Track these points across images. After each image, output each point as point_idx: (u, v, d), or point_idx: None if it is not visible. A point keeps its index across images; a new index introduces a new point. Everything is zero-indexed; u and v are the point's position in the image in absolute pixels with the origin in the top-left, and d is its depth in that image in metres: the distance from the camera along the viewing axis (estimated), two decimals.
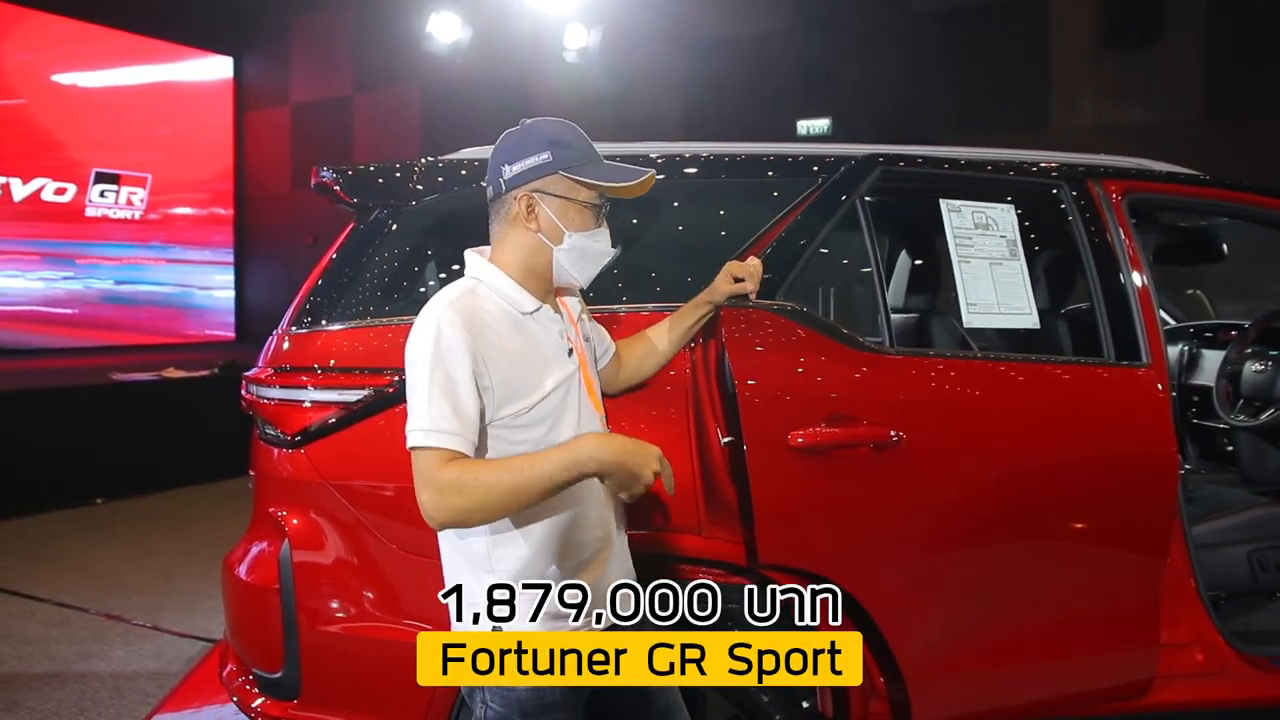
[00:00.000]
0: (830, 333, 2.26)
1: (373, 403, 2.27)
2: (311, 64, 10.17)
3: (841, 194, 2.41)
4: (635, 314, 2.32)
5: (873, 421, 2.18)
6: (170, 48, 10.04)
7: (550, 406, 1.76)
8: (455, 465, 1.63)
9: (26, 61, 8.90)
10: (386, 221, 2.46)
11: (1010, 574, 2.36)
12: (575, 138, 1.79)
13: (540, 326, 1.79)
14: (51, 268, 9.29)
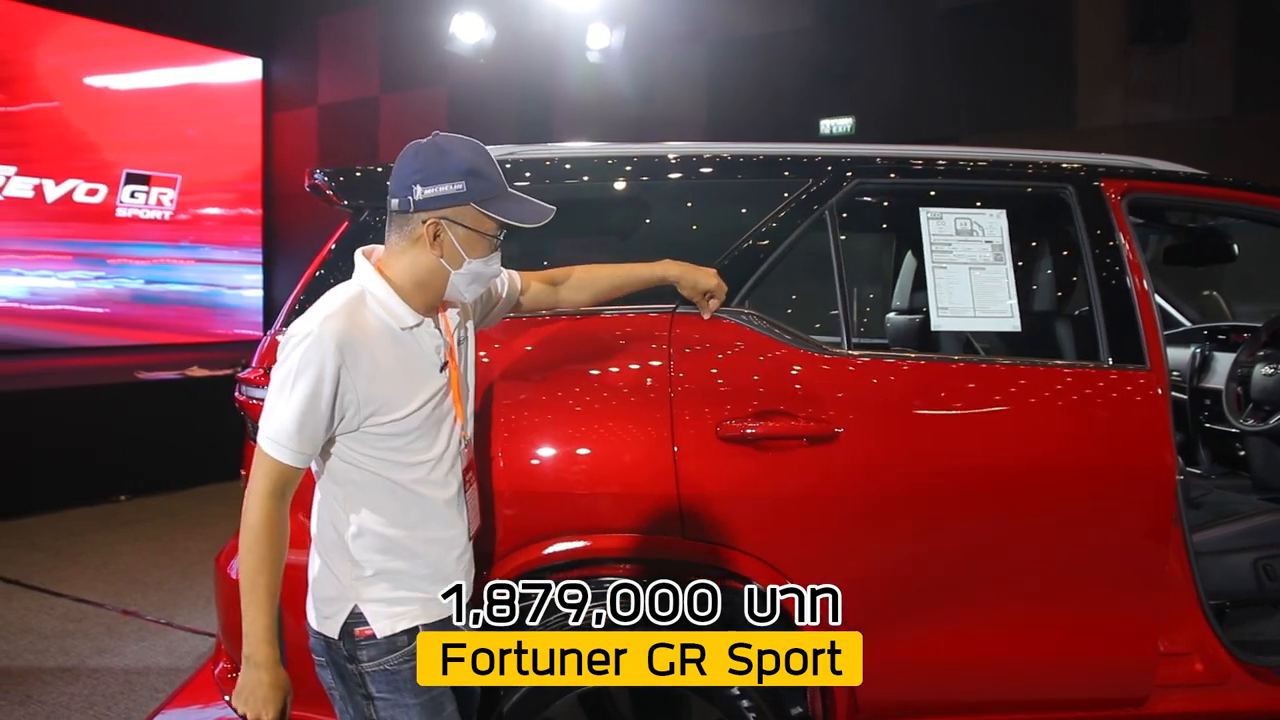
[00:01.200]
0: (775, 334, 2.31)
1: None
2: (338, 65, 10.25)
3: (813, 205, 2.40)
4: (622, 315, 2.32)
5: (808, 417, 2.21)
6: (200, 50, 10.15)
7: (418, 420, 1.82)
8: (267, 515, 1.71)
9: (60, 65, 9.03)
10: (375, 223, 2.46)
11: (971, 569, 2.34)
12: (490, 168, 1.82)
13: (418, 341, 1.83)
14: (83, 267, 9.42)
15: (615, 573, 2.32)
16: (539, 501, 2.23)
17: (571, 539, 2.23)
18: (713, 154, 2.52)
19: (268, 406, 1.74)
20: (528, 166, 2.49)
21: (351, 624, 1.82)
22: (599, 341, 2.31)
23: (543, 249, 3.52)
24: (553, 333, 2.32)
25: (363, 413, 1.75)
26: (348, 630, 1.82)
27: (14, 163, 8.74)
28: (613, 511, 2.22)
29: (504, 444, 2.24)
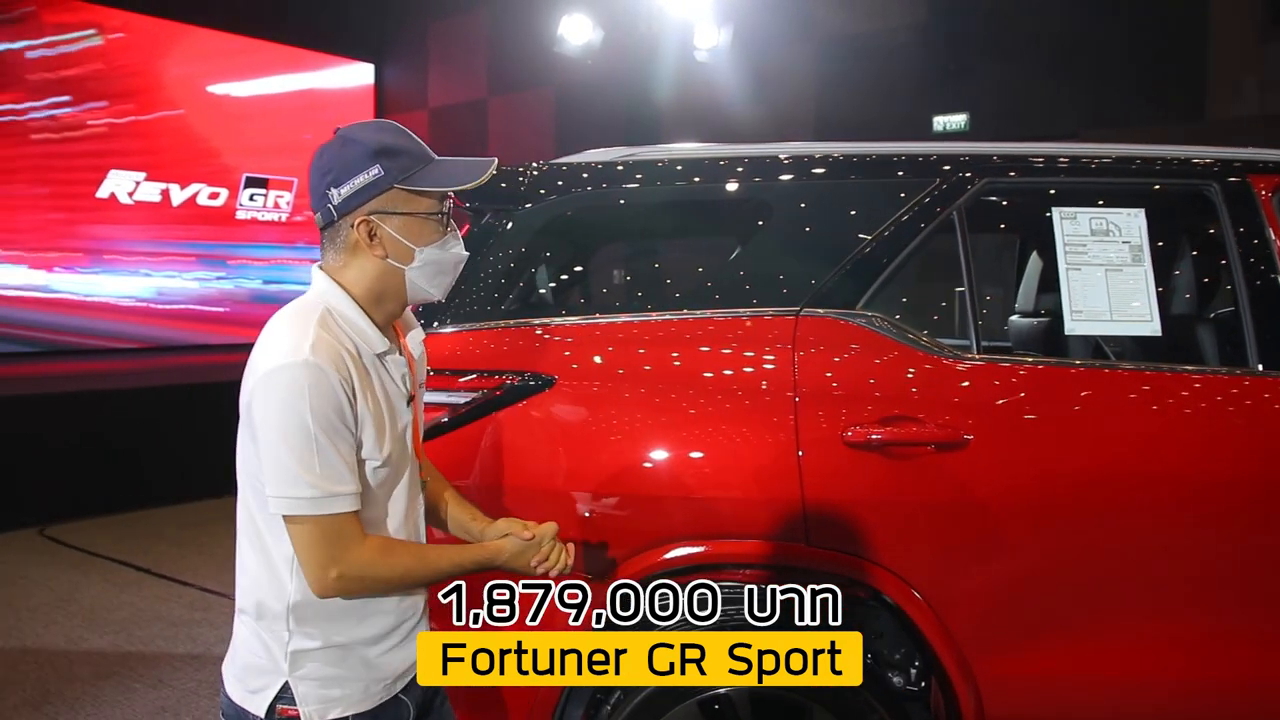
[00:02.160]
0: (901, 338, 2.24)
1: (481, 405, 2.30)
2: (448, 69, 10.43)
3: (939, 206, 2.33)
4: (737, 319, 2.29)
5: (936, 423, 2.14)
6: (316, 56, 10.45)
7: (390, 464, 1.59)
8: (380, 550, 1.53)
9: (185, 74, 9.41)
10: (498, 225, 2.48)
11: (1108, 582, 2.22)
12: (403, 140, 1.58)
13: (388, 370, 1.62)
14: (205, 268, 9.79)
15: (737, 578, 2.29)
16: (661, 506, 2.21)
17: (693, 544, 2.20)
18: (824, 154, 2.46)
19: (292, 466, 1.44)
20: (639, 168, 2.47)
21: (278, 703, 1.55)
22: (721, 344, 2.28)
23: (655, 250, 3.51)
24: (673, 334, 2.30)
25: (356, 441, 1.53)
26: (273, 710, 1.56)
27: (143, 169, 9.14)
28: (735, 516, 2.19)
29: (625, 447, 2.22)
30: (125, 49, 9.00)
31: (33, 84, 8.43)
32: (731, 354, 2.26)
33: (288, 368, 1.45)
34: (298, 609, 1.54)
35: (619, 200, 2.51)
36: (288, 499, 1.46)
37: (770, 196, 2.45)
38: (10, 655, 4.18)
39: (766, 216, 2.45)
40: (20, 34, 8.35)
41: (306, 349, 1.45)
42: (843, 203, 2.42)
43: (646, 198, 2.50)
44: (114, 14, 8.84)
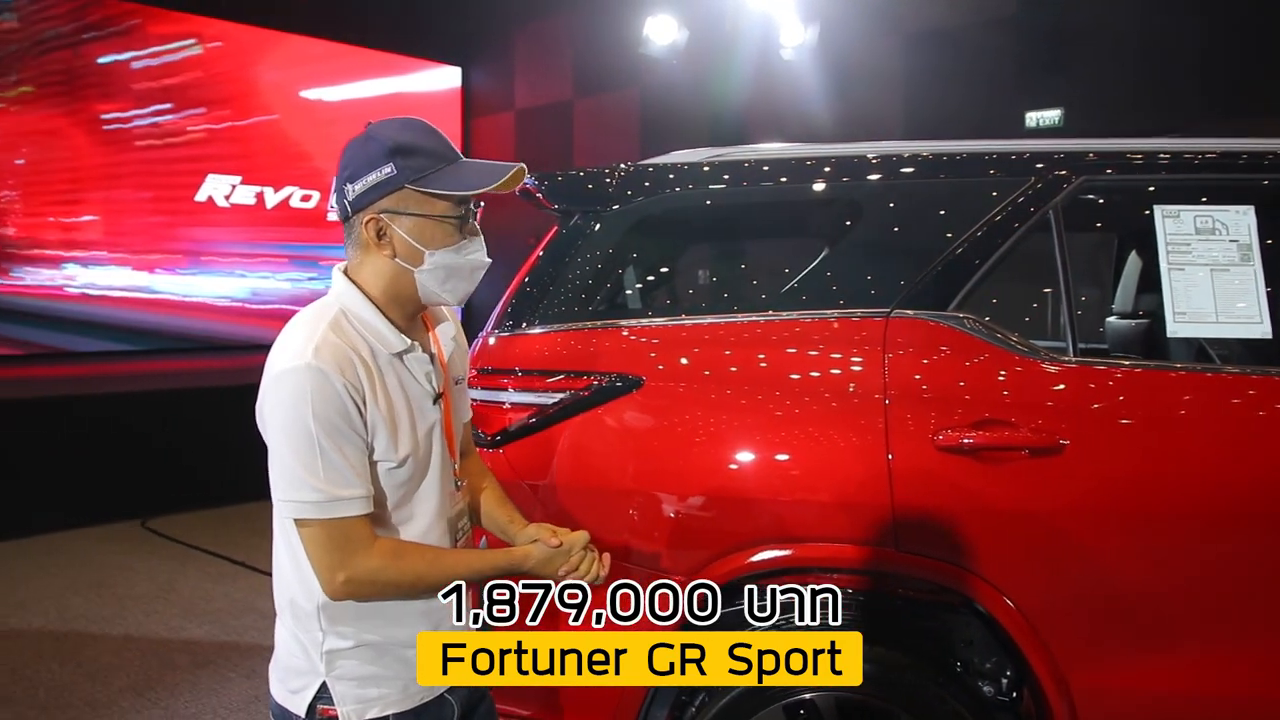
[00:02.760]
0: (995, 340, 2.18)
1: (569, 405, 2.31)
2: (534, 71, 10.52)
3: (1034, 206, 2.27)
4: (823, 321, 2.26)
5: (1031, 427, 2.08)
6: (404, 60, 10.65)
7: (412, 465, 1.57)
8: (390, 553, 1.51)
9: (279, 80, 9.66)
10: (586, 226, 2.49)
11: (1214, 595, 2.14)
12: (422, 139, 1.53)
13: (409, 369, 1.59)
14: (297, 269, 10.03)
15: (824, 583, 2.27)
16: (747, 508, 2.20)
17: (779, 547, 2.18)
18: (915, 153, 2.42)
19: (296, 470, 1.44)
20: (725, 169, 2.47)
21: (318, 703, 1.56)
22: (809, 345, 2.25)
23: (742, 251, 3.50)
24: (761, 335, 2.29)
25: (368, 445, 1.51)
26: (314, 710, 1.56)
27: (239, 172, 9.41)
28: (822, 520, 2.16)
29: (712, 449, 2.22)
30: (223, 57, 9.27)
31: (137, 93, 8.74)
32: (819, 356, 2.24)
33: (291, 371, 1.44)
34: (328, 608, 1.54)
35: (706, 201, 2.50)
36: (293, 502, 1.46)
37: (859, 196, 2.42)
38: (115, 642, 4.34)
39: (855, 217, 2.42)
40: (126, 45, 8.66)
41: (310, 353, 1.44)
42: (933, 203, 2.38)
43: (734, 198, 2.49)
44: (213, 23, 9.12)
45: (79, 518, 6.22)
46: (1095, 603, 2.13)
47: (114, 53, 8.60)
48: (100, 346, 8.64)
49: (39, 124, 8.24)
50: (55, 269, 8.41)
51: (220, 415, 6.93)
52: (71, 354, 8.51)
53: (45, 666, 4.07)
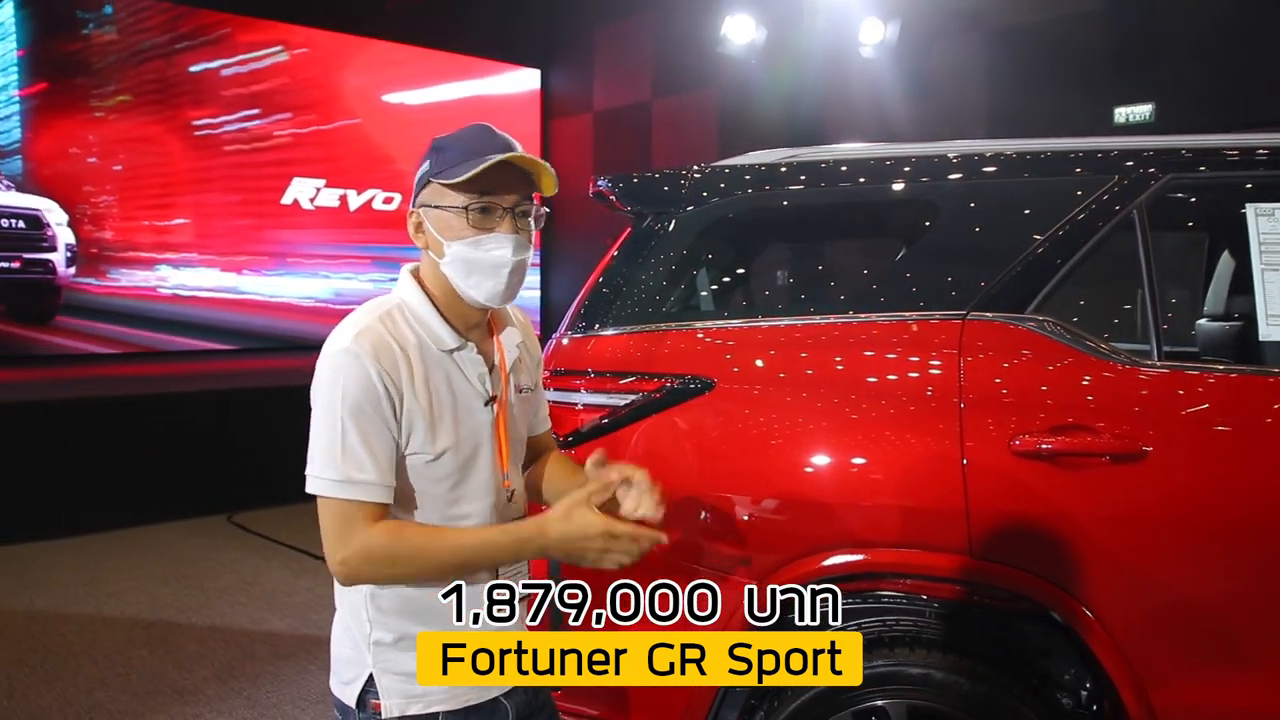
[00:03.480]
0: (1075, 343, 2.12)
1: (640, 407, 2.32)
2: (613, 72, 10.56)
3: (1118, 205, 2.21)
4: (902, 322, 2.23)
5: (1112, 433, 2.01)
6: (485, 64, 10.77)
7: (451, 461, 1.57)
8: (388, 530, 1.49)
9: (362, 85, 9.85)
10: (659, 228, 2.49)
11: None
12: (466, 136, 1.55)
13: (459, 368, 1.60)
14: (380, 270, 10.21)
15: (897, 589, 2.24)
16: (819, 512, 2.17)
17: (852, 551, 2.16)
18: (996, 152, 2.37)
19: (320, 446, 1.49)
20: (802, 169, 2.45)
21: (367, 695, 1.58)
22: (884, 347, 2.22)
23: (817, 253, 3.47)
24: (835, 337, 2.26)
25: (403, 436, 1.52)
26: (364, 702, 1.58)
27: (323, 176, 9.62)
28: (895, 525, 2.13)
29: (784, 451, 2.20)
30: (308, 63, 9.49)
31: (226, 99, 8.99)
32: (895, 358, 2.21)
33: (331, 355, 1.50)
34: (376, 598, 1.56)
35: (781, 202, 2.49)
36: (314, 477, 1.49)
37: (936, 196, 2.37)
38: (201, 631, 4.48)
39: (932, 217, 2.38)
40: (217, 54, 8.92)
41: (351, 338, 1.49)
42: (1013, 202, 2.33)
43: (809, 199, 2.47)
44: (299, 30, 9.34)
45: (169, 511, 6.43)
46: (1179, 615, 2.06)
47: (205, 61, 8.86)
48: (190, 345, 8.91)
49: (135, 131, 8.53)
50: (149, 270, 8.69)
51: (304, 413, 7.07)
52: (163, 353, 8.79)
53: (136, 653, 4.21)
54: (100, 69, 8.37)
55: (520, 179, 1.57)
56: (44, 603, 4.90)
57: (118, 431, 6.45)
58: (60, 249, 8.17)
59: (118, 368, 8.23)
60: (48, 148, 8.19)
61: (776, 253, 3.00)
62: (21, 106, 8.10)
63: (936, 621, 2.21)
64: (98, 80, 8.36)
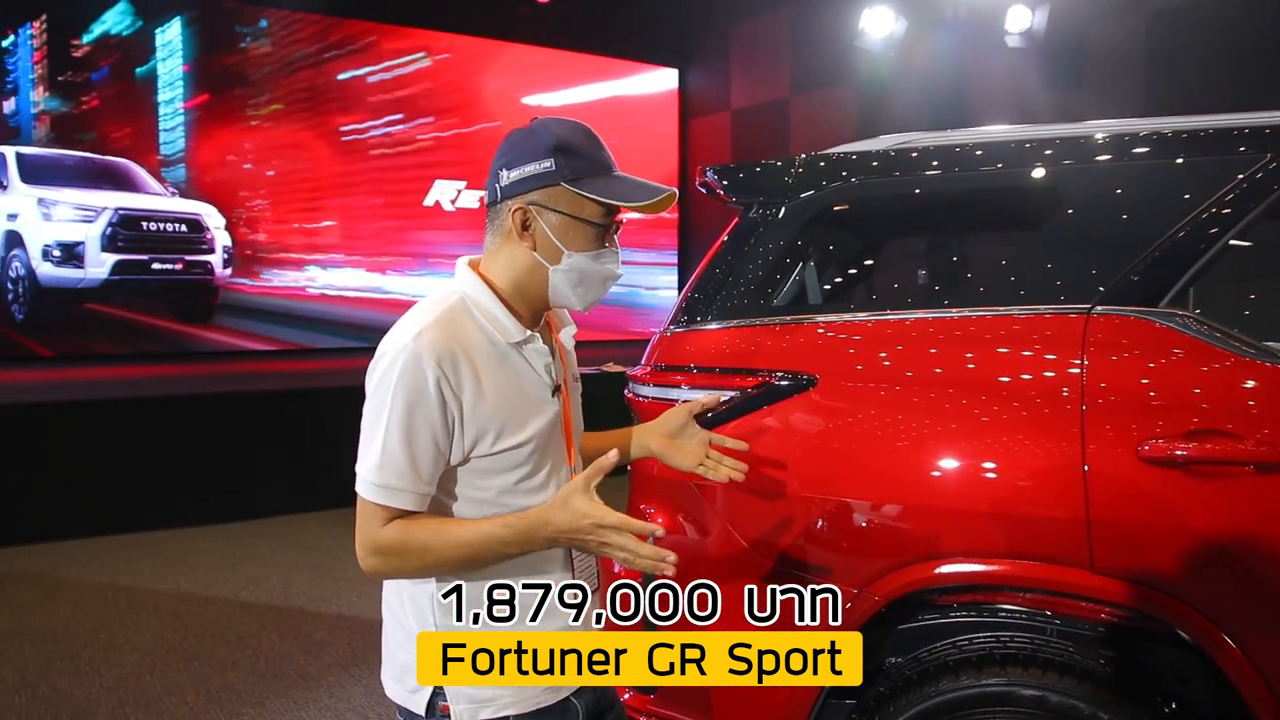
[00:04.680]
0: (1218, 341, 1.91)
1: (740, 404, 2.23)
2: (750, 70, 10.44)
3: (1275, 185, 1.99)
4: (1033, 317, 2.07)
5: (1259, 439, 1.81)
6: (622, 64, 10.81)
7: (526, 453, 1.55)
8: (398, 525, 1.48)
9: (502, 88, 10.02)
10: (763, 219, 2.41)
11: None
12: (587, 144, 1.54)
13: (526, 360, 1.58)
14: None
15: (1013, 602, 2.10)
16: (925, 518, 2.04)
17: (964, 561, 2.01)
18: (1150, 131, 2.18)
19: (367, 445, 1.50)
20: (935, 155, 2.30)
21: (436, 700, 1.56)
22: (997, 343, 2.08)
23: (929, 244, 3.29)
24: (944, 333, 2.12)
25: (466, 436, 1.49)
26: (433, 707, 1.56)
27: (464, 178, 9.82)
28: (1009, 534, 1.98)
29: (887, 453, 2.08)
30: (450, 68, 9.70)
31: (372, 105, 9.27)
32: (1009, 355, 2.05)
33: (389, 352, 1.48)
34: (444, 602, 1.54)
35: (889, 191, 2.36)
36: (358, 474, 1.51)
37: (1058, 181, 2.20)
38: (329, 619, 4.60)
39: (1053, 203, 2.21)
40: (363, 61, 9.21)
41: (411, 336, 1.46)
42: (1144, 185, 2.14)
43: (919, 187, 2.33)
44: (441, 36, 9.56)
45: (306, 503, 6.67)
46: None
47: (352, 69, 9.16)
48: (336, 344, 9.23)
49: (286, 138, 8.89)
50: (299, 271, 9.04)
51: None
52: (311, 350, 9.13)
53: (266, 637, 4.36)
54: (256, 80, 8.75)
55: None
56: (188, 585, 5.14)
57: (265, 426, 6.73)
58: (218, 251, 8.58)
59: (267, 364, 8.60)
60: (208, 155, 8.61)
61: (883, 245, 2.86)
62: (185, 118, 8.55)
63: (1055, 639, 2.05)
64: (253, 91, 8.74)
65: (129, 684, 3.86)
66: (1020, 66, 7.69)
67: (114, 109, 8.30)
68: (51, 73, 8.06)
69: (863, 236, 2.87)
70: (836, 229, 2.67)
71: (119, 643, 4.31)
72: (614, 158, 1.58)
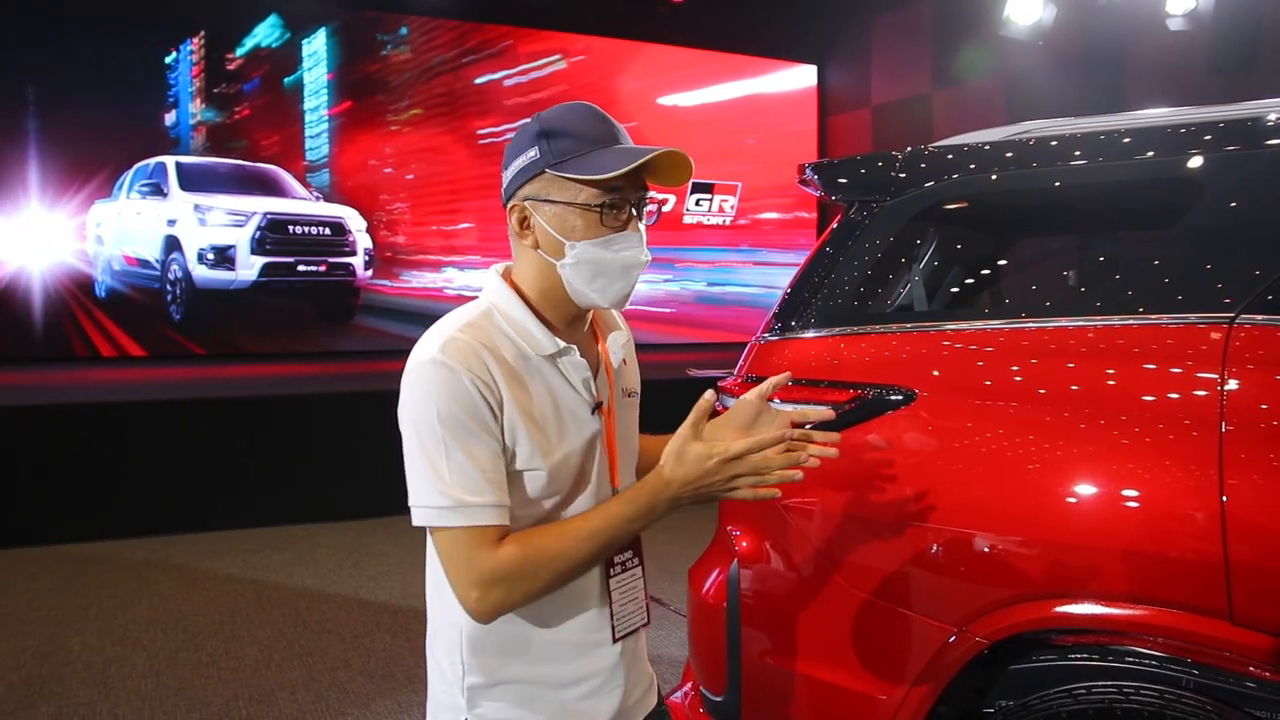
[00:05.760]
0: None
1: (828, 422, 2.06)
2: (891, 65, 10.10)
3: None
4: None
5: None
6: (759, 62, 10.62)
7: (558, 474, 1.41)
8: (513, 542, 1.33)
9: (638, 89, 9.99)
10: (862, 219, 2.23)
11: None
12: (576, 121, 1.40)
13: (561, 374, 1.45)
14: (655, 271, 10.31)
15: (1143, 645, 1.86)
16: (1035, 552, 1.83)
17: (1081, 601, 1.79)
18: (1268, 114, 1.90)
19: (421, 474, 1.34)
20: (1077, 144, 2.07)
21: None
22: (1120, 356, 1.85)
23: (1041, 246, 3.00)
24: (1058, 344, 1.91)
25: (506, 454, 1.38)
26: None
27: None
28: (1133, 574, 1.75)
29: (990, 478, 1.88)
30: (585, 70, 9.72)
31: (508, 108, 9.36)
32: (1133, 370, 1.82)
33: (418, 366, 1.36)
34: (472, 638, 1.44)
35: (1002, 187, 2.14)
36: (421, 508, 1.35)
37: (1199, 173, 1.95)
38: (412, 614, 4.62)
39: (1192, 197, 1.96)
40: (499, 65, 9.32)
41: (437, 348, 1.35)
42: None
43: (1036, 182, 2.11)
44: (577, 39, 9.59)
45: None
46: None
47: (489, 73, 9.28)
48: None
49: (425, 142, 9.07)
50: (436, 272, 9.21)
51: None
52: None
53: (380, 637, 4.41)
54: (396, 86, 8.96)
55: (640, 169, 1.41)
56: (312, 580, 5.27)
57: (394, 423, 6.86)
58: (359, 253, 8.82)
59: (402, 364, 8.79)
60: (350, 160, 8.87)
61: (994, 246, 2.63)
62: (329, 124, 8.82)
63: (1190, 694, 1.80)
64: (393, 96, 8.96)
65: (244, 677, 3.95)
66: (1184, 51, 7.15)
67: (263, 118, 8.63)
68: (208, 85, 8.44)
69: (974, 237, 2.62)
70: (942, 229, 2.47)
71: (241, 635, 4.42)
72: (625, 132, 1.44)
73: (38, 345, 8.01)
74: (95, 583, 5.27)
